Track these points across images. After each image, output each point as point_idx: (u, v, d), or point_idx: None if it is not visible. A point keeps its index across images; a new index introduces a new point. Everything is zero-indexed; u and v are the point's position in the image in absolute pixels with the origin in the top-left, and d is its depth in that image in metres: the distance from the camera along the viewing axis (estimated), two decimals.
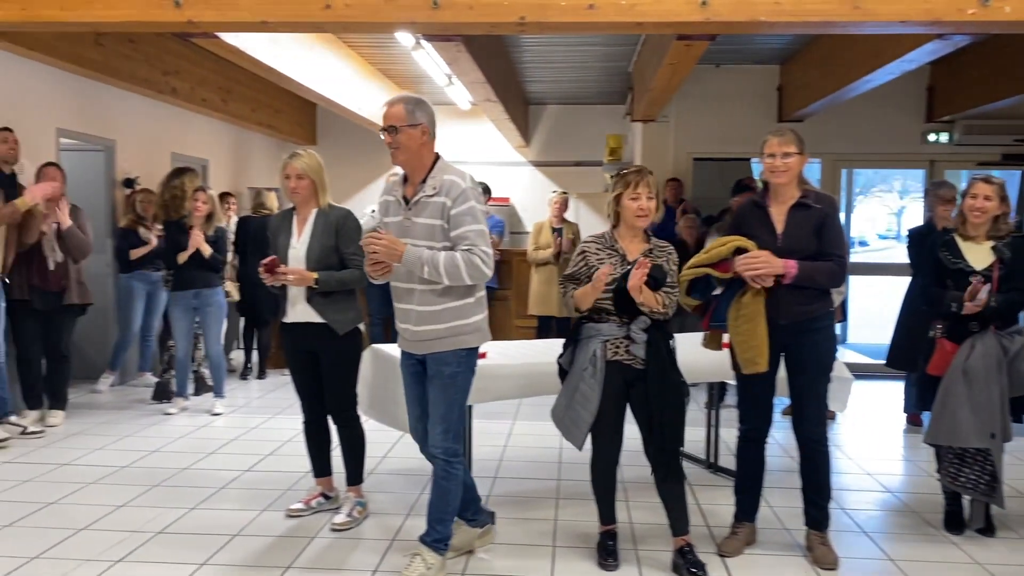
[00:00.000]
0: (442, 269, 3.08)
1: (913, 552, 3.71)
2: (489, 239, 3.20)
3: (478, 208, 3.16)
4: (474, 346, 3.26)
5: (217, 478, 4.61)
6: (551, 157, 11.36)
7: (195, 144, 8.83)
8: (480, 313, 3.27)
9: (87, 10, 4.59)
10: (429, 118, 3.25)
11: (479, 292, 3.27)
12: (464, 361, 3.24)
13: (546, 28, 4.63)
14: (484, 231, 3.15)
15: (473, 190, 3.18)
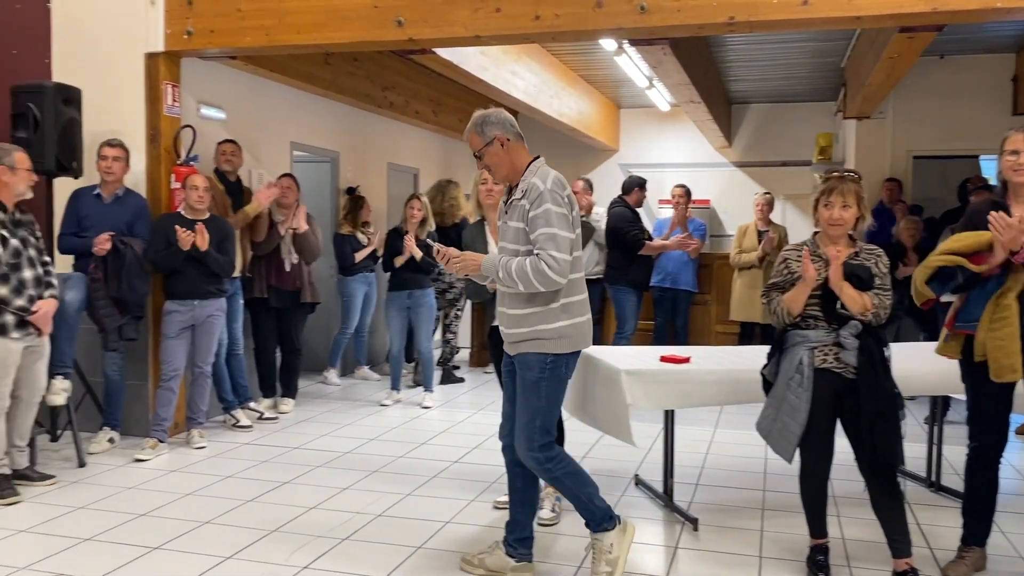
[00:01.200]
0: (514, 275, 3.07)
1: None
2: (566, 244, 3.05)
3: (553, 211, 3.05)
4: (559, 352, 3.15)
5: (429, 467, 4.88)
6: (755, 157, 11.04)
7: (407, 154, 9.38)
8: (565, 319, 3.14)
9: (320, 33, 5.04)
10: (501, 126, 3.21)
11: (566, 298, 3.15)
12: (549, 368, 3.15)
13: (756, 27, 4.54)
14: (556, 235, 3.03)
15: (552, 192, 3.08)
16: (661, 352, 4.29)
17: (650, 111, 11.05)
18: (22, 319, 4.09)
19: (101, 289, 4.88)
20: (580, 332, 3.21)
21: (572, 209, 3.15)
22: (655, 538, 3.86)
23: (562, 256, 3.04)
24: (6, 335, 4.06)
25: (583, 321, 3.22)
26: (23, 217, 4.27)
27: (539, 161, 3.25)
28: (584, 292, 3.26)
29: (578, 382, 4.35)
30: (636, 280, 6.83)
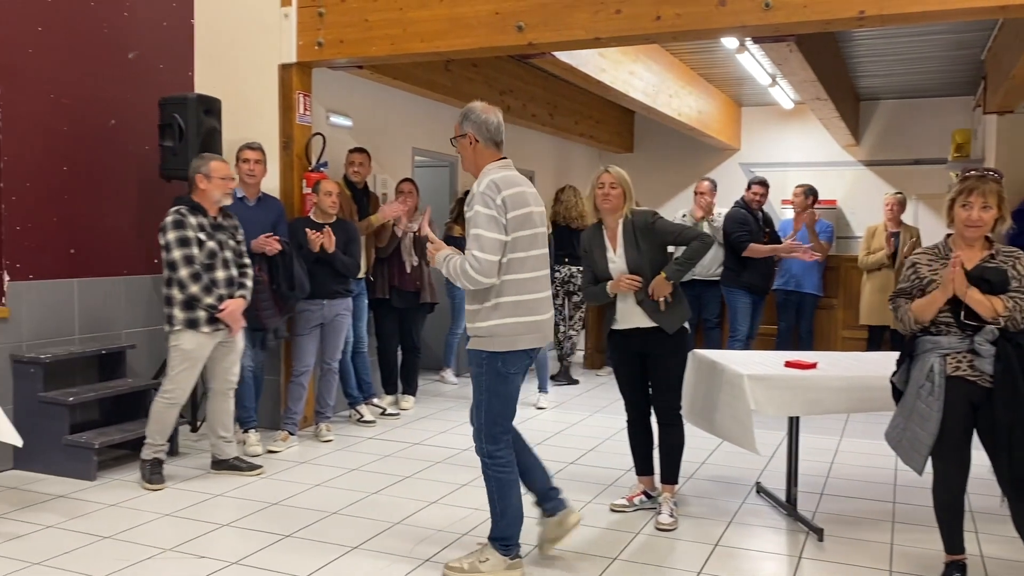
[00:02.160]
0: (452, 272, 3.25)
1: None
2: (490, 244, 3.14)
3: (482, 213, 3.15)
4: (492, 350, 3.23)
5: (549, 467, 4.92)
6: (884, 155, 10.56)
7: (523, 156, 9.45)
8: (496, 319, 3.21)
9: (444, 40, 5.17)
10: (476, 126, 3.30)
11: (499, 298, 3.21)
12: (485, 364, 3.25)
13: (889, 20, 4.36)
14: (481, 236, 3.14)
15: (483, 195, 3.17)
16: (786, 357, 4.19)
17: (772, 109, 10.75)
18: (212, 315, 4.41)
19: (266, 291, 5.05)
20: (515, 332, 3.24)
21: (508, 212, 3.19)
22: (778, 547, 3.76)
23: (485, 256, 3.14)
24: (197, 329, 4.40)
25: (522, 322, 3.25)
26: (225, 222, 4.59)
27: (495, 163, 3.31)
28: (534, 293, 3.29)
29: (698, 387, 4.31)
30: (750, 283, 6.62)
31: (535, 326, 3.31)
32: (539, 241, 3.32)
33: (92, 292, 5.20)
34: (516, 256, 3.23)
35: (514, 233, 3.22)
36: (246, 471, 4.71)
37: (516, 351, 3.27)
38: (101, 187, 5.27)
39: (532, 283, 3.30)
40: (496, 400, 3.31)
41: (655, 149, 11.47)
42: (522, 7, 4.94)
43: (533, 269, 3.30)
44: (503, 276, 3.22)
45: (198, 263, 4.38)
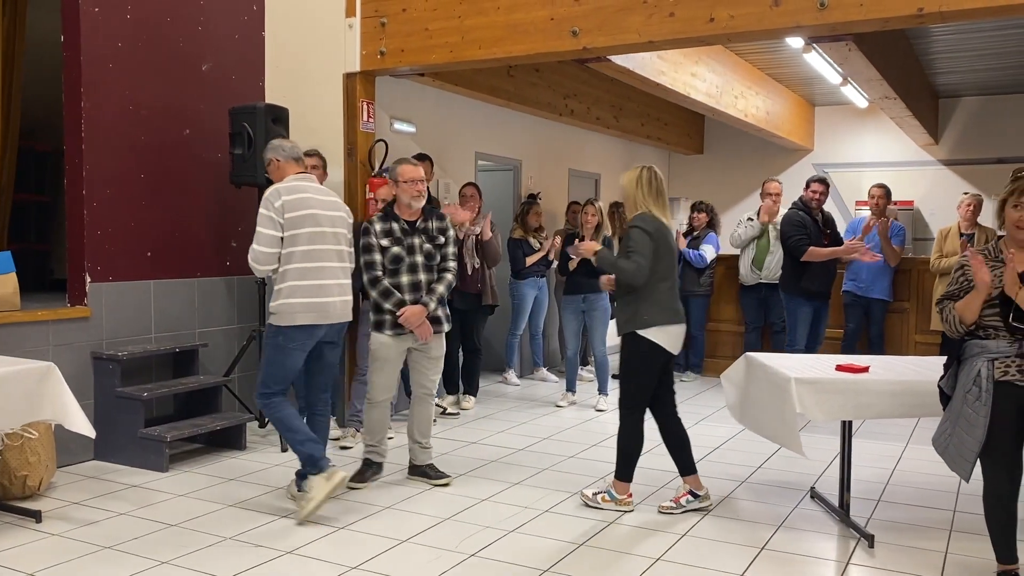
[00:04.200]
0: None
1: None
2: (264, 239, 3.97)
3: (262, 213, 3.99)
4: (277, 325, 4.02)
5: (598, 468, 4.96)
6: (966, 155, 10.21)
7: (589, 160, 9.51)
8: (281, 299, 4.00)
9: (501, 47, 5.27)
10: (275, 151, 4.22)
11: (283, 283, 4.01)
12: (271, 336, 4.09)
13: (949, 17, 4.26)
14: (259, 232, 3.98)
15: (265, 199, 4.00)
16: (838, 360, 4.13)
17: (847, 108, 10.51)
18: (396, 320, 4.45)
19: None
20: (293, 311, 4.01)
21: (285, 213, 3.97)
22: (826, 553, 3.72)
23: (260, 248, 3.99)
24: (381, 331, 4.49)
25: (300, 302, 4.00)
26: (425, 225, 4.51)
27: (292, 175, 4.15)
28: (316, 279, 4.03)
29: (744, 388, 4.29)
30: (808, 289, 6.36)
31: (313, 306, 4.04)
32: (326, 238, 4.09)
33: (168, 293, 5.48)
34: (299, 249, 4.00)
35: (293, 230, 3.99)
36: (433, 479, 4.65)
37: (294, 326, 4.02)
38: (176, 193, 5.55)
39: (314, 271, 4.04)
40: (272, 367, 4.08)
41: (725, 150, 11.34)
42: (576, 12, 5.00)
43: (316, 260, 4.05)
44: (287, 265, 4.00)
45: (379, 269, 4.41)
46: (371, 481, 4.62)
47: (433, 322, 4.53)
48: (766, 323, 7.52)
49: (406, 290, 4.46)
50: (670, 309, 4.12)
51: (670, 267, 4.18)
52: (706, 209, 7.84)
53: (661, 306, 4.09)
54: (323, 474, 3.97)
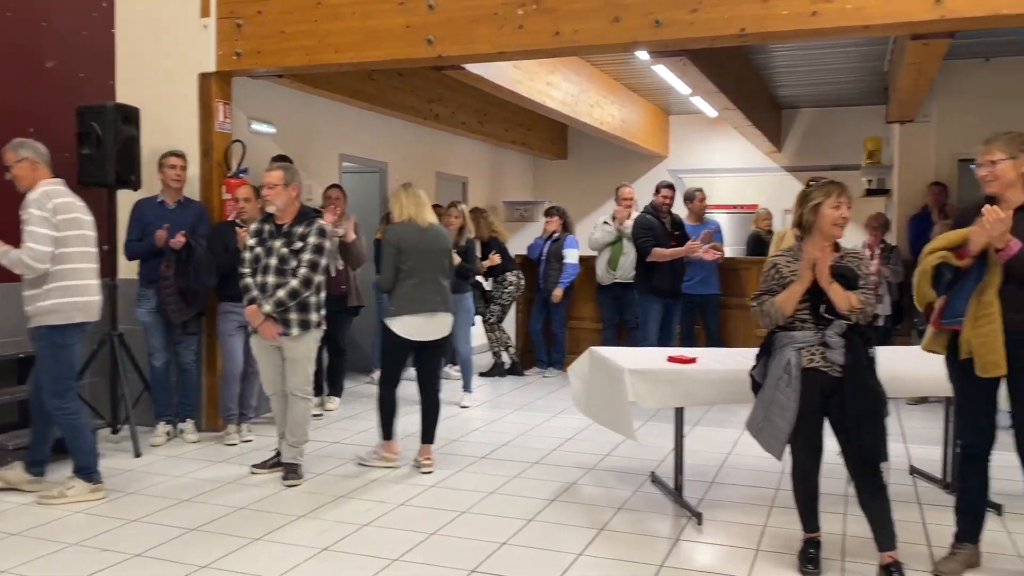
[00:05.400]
0: (11, 263, 4.15)
1: None
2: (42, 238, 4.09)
3: (35, 214, 4.13)
4: (52, 324, 4.18)
5: (456, 462, 5.14)
6: (805, 162, 11.01)
7: (456, 163, 9.70)
8: (53, 299, 4.16)
9: (358, 52, 5.37)
10: (31, 150, 4.31)
11: (54, 283, 4.16)
12: (46, 337, 4.22)
13: (768, 38, 4.67)
14: (34, 231, 4.10)
15: (38, 200, 4.17)
16: (671, 353, 4.46)
17: (698, 117, 11.12)
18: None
19: (171, 285, 5.30)
20: (71, 309, 4.21)
21: (57, 215, 4.16)
22: (659, 531, 4.02)
23: (39, 247, 4.10)
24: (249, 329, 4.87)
25: (74, 302, 4.21)
26: (293, 229, 4.64)
27: (46, 181, 4.29)
28: (83, 279, 4.27)
29: (587, 380, 4.56)
30: (658, 288, 6.81)
31: (86, 305, 4.30)
32: (88, 240, 4.33)
33: (10, 296, 5.26)
34: (70, 250, 4.20)
35: (65, 232, 4.17)
36: (284, 478, 4.70)
37: (71, 324, 4.23)
38: (21, 195, 5.33)
39: (84, 272, 4.28)
40: (59, 367, 4.24)
41: (587, 156, 11.78)
42: (431, 21, 5.16)
43: (84, 261, 4.29)
44: (59, 265, 4.16)
45: (246, 267, 4.71)
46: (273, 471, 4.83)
47: (283, 325, 4.61)
48: (622, 321, 7.89)
49: (254, 290, 4.62)
50: (413, 302, 4.86)
51: (416, 266, 4.87)
52: (558, 213, 8.15)
53: (404, 300, 4.86)
54: (91, 485, 4.35)
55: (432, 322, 4.92)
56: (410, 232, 4.89)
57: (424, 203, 5.01)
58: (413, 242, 4.87)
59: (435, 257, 4.97)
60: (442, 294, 4.99)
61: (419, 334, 4.89)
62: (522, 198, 11.57)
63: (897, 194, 8.35)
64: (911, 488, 4.69)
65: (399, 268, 4.83)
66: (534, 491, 4.58)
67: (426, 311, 4.87)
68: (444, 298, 5.00)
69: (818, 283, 3.28)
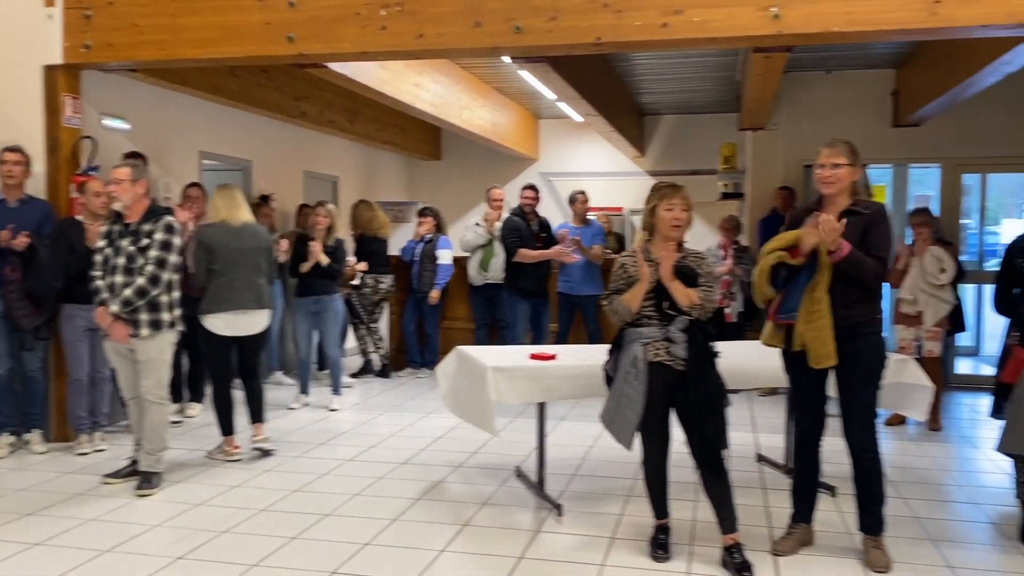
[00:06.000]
0: None
1: (974, 560, 3.69)
2: None
3: None
4: None
5: (321, 467, 5.09)
6: (667, 166, 11.43)
7: (325, 162, 9.57)
8: None
9: (215, 48, 5.23)
10: None
11: None
12: None
13: (623, 47, 4.86)
14: None
15: None
16: (533, 351, 4.58)
17: (568, 121, 11.36)
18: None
19: (18, 290, 5.02)
20: None
21: None
22: (521, 524, 4.12)
23: None
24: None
25: None
26: (141, 227, 4.48)
27: None
28: None
29: (454, 379, 4.63)
30: (525, 288, 6.94)
31: None
32: None
33: None
34: None
35: None
36: (137, 487, 4.55)
37: None
38: None
39: None
40: None
41: (461, 157, 11.85)
42: (292, 19, 5.09)
43: None
44: None
45: (97, 269, 4.56)
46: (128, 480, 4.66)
47: (133, 326, 4.48)
48: (493, 321, 8.00)
49: (104, 291, 4.48)
50: (224, 300, 5.10)
51: (227, 265, 5.10)
52: (431, 214, 8.19)
53: (216, 297, 5.10)
54: None
55: (245, 318, 5.19)
56: (221, 232, 5.16)
57: (239, 203, 5.27)
58: (224, 242, 5.13)
59: (248, 256, 5.20)
60: (255, 291, 5.22)
61: (232, 329, 5.16)
62: (396, 199, 11.53)
63: (750, 197, 8.83)
64: (757, 474, 4.99)
65: (211, 268, 5.09)
66: (400, 491, 4.60)
67: (237, 308, 5.13)
68: (257, 295, 5.23)
69: (662, 281, 3.47)
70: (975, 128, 7.84)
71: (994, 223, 14.33)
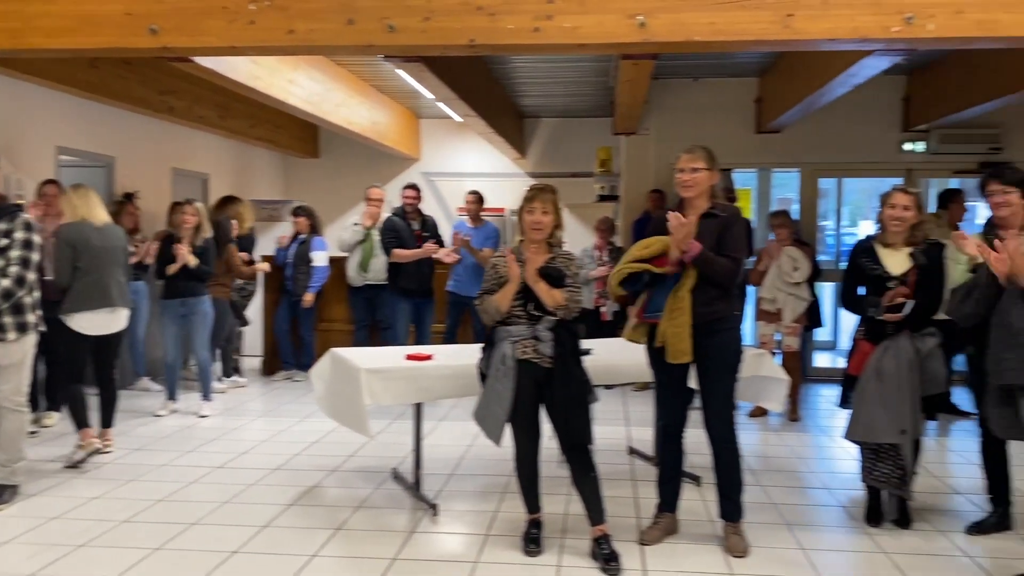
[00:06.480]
0: None
1: (825, 542, 3.93)
2: None
3: None
4: None
5: (187, 475, 4.91)
6: (548, 168, 11.61)
7: (195, 159, 9.23)
8: None
9: (71, 38, 4.95)
10: None
11: None
12: None
13: (496, 49, 4.90)
14: None
15: None
16: (409, 351, 4.57)
17: (449, 121, 11.34)
18: None
19: None
20: None
21: None
22: (397, 525, 4.11)
23: None
24: None
25: None
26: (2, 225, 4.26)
27: None
28: None
29: (329, 382, 4.57)
30: (406, 288, 6.91)
31: None
32: None
33: None
34: None
35: None
36: None
37: None
38: None
39: None
40: None
41: (340, 156, 11.66)
42: (156, 10, 4.86)
43: None
44: None
45: None
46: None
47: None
48: (374, 321, 7.91)
49: None
50: (92, 298, 5.05)
51: (93, 263, 5.06)
52: (305, 213, 8.04)
53: (80, 296, 5.04)
54: None
55: (110, 316, 5.18)
56: (85, 231, 5.09)
57: (96, 203, 5.23)
58: (89, 241, 5.08)
59: (112, 254, 5.19)
60: (120, 289, 5.22)
61: (97, 328, 5.13)
62: (272, 197, 11.23)
63: (624, 200, 9.09)
64: (628, 466, 5.15)
65: (76, 266, 5.02)
66: (272, 497, 4.50)
67: (105, 306, 5.11)
68: (122, 292, 5.24)
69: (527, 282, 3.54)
70: (830, 135, 8.34)
71: (852, 225, 15.26)
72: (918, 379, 3.93)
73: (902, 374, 3.90)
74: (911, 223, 4.05)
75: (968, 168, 8.15)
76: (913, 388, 3.91)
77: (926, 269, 3.98)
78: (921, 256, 4.01)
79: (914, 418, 3.92)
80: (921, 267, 3.98)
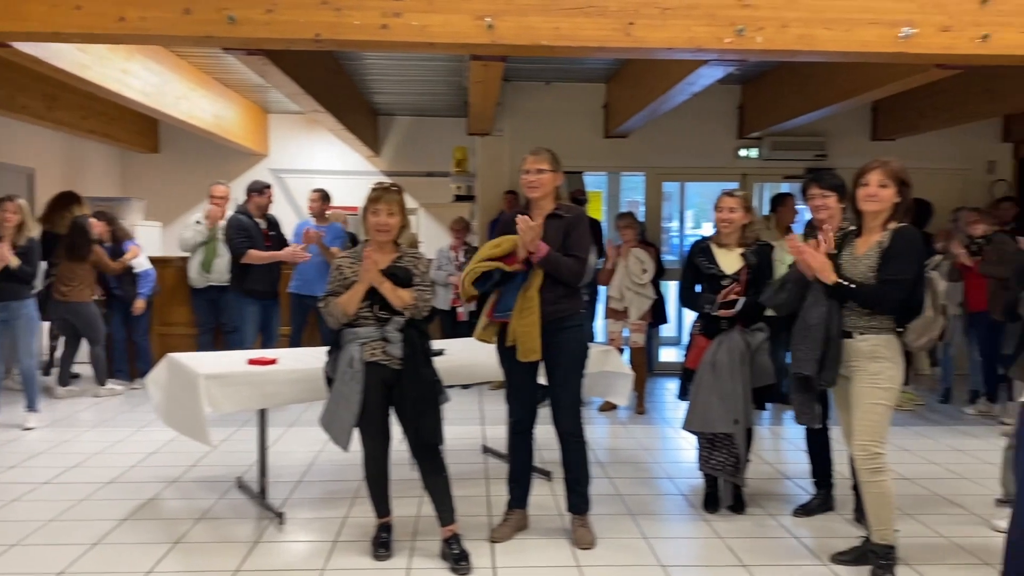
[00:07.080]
0: None
1: (666, 530, 4.10)
2: None
3: None
4: None
5: (7, 493, 4.55)
6: (403, 167, 11.51)
7: (18, 152, 8.56)
8: None
9: None
10: None
11: None
12: None
13: (343, 45, 4.80)
14: None
15: None
16: (252, 355, 4.41)
17: (300, 117, 11.08)
18: None
19: None
20: None
21: None
22: (241, 536, 3.95)
23: None
24: None
25: None
26: None
27: None
28: None
29: (166, 389, 4.35)
30: (255, 289, 6.68)
31: None
32: None
33: None
34: None
35: None
36: None
37: None
38: None
39: None
40: None
41: (182, 151, 11.12)
42: None
43: None
44: None
45: None
46: None
47: None
48: (218, 324, 7.59)
49: None
50: None
51: None
52: (106, 218, 7.58)
53: None
54: None
55: None
56: None
57: None
58: None
59: None
60: None
61: None
62: (108, 194, 10.55)
63: (480, 200, 9.14)
64: (482, 465, 5.18)
65: None
66: (104, 512, 4.23)
67: None
68: None
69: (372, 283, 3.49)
70: (672, 141, 8.71)
71: (696, 226, 16.01)
72: (749, 371, 4.16)
73: (735, 367, 4.12)
74: (740, 224, 4.28)
75: (797, 173, 8.73)
76: (745, 380, 4.14)
77: (756, 268, 4.22)
78: (752, 256, 4.25)
79: (746, 408, 4.15)
80: (752, 266, 4.22)
